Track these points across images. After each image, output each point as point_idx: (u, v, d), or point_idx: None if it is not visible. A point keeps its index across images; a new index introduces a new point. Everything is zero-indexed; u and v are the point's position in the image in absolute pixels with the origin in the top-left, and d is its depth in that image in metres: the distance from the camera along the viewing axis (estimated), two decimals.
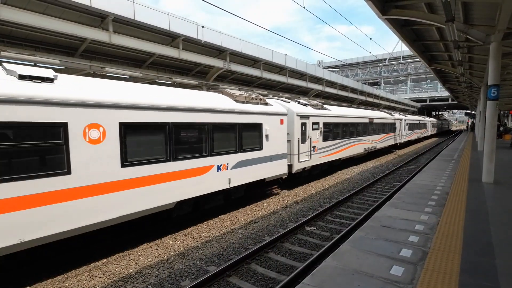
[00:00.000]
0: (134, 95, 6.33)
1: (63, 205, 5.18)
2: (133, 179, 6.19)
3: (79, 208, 5.36)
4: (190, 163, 7.42)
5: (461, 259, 3.98)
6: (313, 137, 13.12)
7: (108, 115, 5.77)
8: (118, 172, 5.92)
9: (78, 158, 5.34)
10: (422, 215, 5.83)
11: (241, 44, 14.36)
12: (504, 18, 7.43)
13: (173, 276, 5.38)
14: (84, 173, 5.43)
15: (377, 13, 8.52)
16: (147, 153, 6.46)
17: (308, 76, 21.54)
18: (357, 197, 10.80)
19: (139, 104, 6.28)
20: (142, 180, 6.36)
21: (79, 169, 5.36)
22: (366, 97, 34.06)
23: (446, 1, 5.65)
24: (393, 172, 15.85)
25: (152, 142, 6.60)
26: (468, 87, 23.73)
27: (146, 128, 6.44)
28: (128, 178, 6.11)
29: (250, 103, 9.63)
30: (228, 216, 8.76)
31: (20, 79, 4.96)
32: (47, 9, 8.62)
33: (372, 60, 58.32)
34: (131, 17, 9.75)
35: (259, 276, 5.34)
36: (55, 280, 5.28)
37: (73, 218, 5.30)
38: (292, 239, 7.01)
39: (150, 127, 6.51)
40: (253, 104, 9.77)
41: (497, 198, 7.04)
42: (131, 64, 12.83)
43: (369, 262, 3.95)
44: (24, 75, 5.00)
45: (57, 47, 10.46)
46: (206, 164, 7.88)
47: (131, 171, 6.14)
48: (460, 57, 11.16)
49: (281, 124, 10.77)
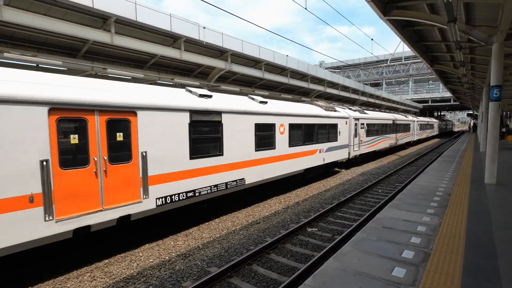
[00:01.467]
0: (292, 109, 11.41)
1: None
2: (292, 154, 11.40)
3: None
4: (309, 147, 12.47)
5: (463, 261, 3.96)
6: (361, 133, 18.26)
7: (282, 119, 10.66)
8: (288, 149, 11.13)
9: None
10: (424, 217, 5.81)
11: (243, 45, 14.37)
12: (507, 19, 7.40)
13: (174, 277, 5.38)
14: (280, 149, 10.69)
15: (379, 14, 8.50)
16: (292, 141, 11.31)
17: (310, 77, 21.52)
18: (358, 198, 10.77)
19: (295, 113, 11.44)
20: (294, 155, 11.59)
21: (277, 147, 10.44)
22: (367, 98, 34.00)
23: (448, 1, 5.63)
24: (395, 173, 15.81)
25: (294, 134, 11.43)
26: (470, 88, 23.64)
27: (295, 127, 11.49)
28: (291, 153, 11.36)
29: (329, 110, 14.51)
30: (229, 217, 8.76)
31: (199, 97, 7.83)
32: (50, 10, 8.66)
33: (373, 61, 58.18)
34: (133, 18, 9.78)
35: (261, 277, 5.33)
36: (56, 280, 5.29)
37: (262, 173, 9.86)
38: (294, 240, 6.99)
39: (297, 126, 11.63)
40: (331, 111, 14.54)
41: (500, 199, 7.01)
42: (133, 65, 12.87)
43: (371, 264, 3.94)
44: (202, 94, 7.93)
45: (60, 48, 10.51)
46: (315, 148, 12.91)
47: (293, 150, 11.38)
48: (462, 58, 11.13)
49: (345, 125, 15.81)
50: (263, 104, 9.96)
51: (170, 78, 13.94)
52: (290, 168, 11.18)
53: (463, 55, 11.46)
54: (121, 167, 5.94)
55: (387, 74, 59.01)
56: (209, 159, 7.89)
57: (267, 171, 10.00)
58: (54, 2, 8.26)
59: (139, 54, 12.11)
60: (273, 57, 16.60)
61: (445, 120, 67.91)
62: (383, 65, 57.87)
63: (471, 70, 16.45)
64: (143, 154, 6.30)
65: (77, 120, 5.35)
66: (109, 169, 5.74)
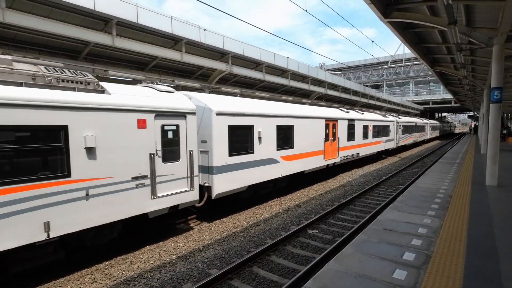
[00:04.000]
0: (373, 117, 19.79)
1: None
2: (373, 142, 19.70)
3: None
4: (379, 139, 20.64)
5: (464, 263, 3.94)
6: (400, 132, 26.06)
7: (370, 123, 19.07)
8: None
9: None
10: (425, 218, 5.80)
11: (243, 47, 14.42)
12: (507, 21, 7.41)
13: (175, 278, 5.37)
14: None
15: (379, 16, 8.52)
16: (373, 135, 19.55)
17: (310, 79, 21.55)
18: (359, 200, 10.75)
19: (373, 119, 19.61)
20: (373, 143, 19.90)
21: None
22: (368, 100, 34.01)
23: (448, 3, 5.64)
24: (395, 175, 15.78)
25: (374, 131, 19.71)
26: (471, 90, 23.62)
27: (375, 127, 19.80)
28: (373, 142, 19.59)
29: (385, 116, 22.52)
30: (230, 218, 8.75)
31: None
32: (51, 13, 8.71)
33: (374, 62, 58.24)
34: (134, 21, 9.83)
35: (261, 279, 5.32)
36: (57, 282, 5.29)
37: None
38: (294, 242, 6.98)
39: (375, 127, 19.91)
40: (386, 117, 22.64)
41: (501, 201, 6.99)
42: (134, 67, 12.92)
43: (372, 266, 3.93)
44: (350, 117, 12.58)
45: (61, 51, 10.56)
46: (380, 140, 20.99)
47: (373, 140, 19.50)
48: (463, 60, 11.13)
49: (393, 126, 23.96)
50: (361, 115, 18.14)
51: (171, 80, 13.98)
52: (373, 150, 19.69)
53: (464, 57, 11.48)
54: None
55: (387, 76, 59.01)
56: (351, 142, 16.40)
57: (366, 150, 18.63)
58: (56, 4, 8.31)
59: (140, 56, 12.15)
60: (274, 59, 16.64)
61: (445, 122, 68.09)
62: (383, 67, 57.89)
63: (472, 72, 16.45)
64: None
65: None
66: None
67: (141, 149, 6.22)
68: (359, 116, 17.34)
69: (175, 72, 14.66)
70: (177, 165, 7.03)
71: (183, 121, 7.14)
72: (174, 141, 6.97)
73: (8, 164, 4.52)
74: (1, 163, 4.45)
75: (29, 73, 5.00)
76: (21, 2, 8.12)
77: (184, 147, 7.18)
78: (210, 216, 8.95)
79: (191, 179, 7.34)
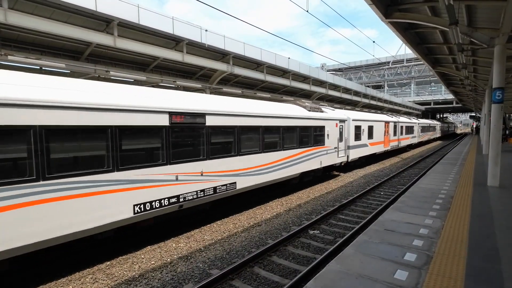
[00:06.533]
0: (403, 120, 27.99)
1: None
2: (402, 138, 27.65)
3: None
4: (408, 135, 29.15)
5: (466, 264, 3.94)
6: (419, 131, 32.77)
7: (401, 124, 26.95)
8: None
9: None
10: (426, 219, 5.79)
11: (245, 47, 14.43)
12: (509, 21, 7.40)
13: (176, 279, 5.38)
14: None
15: (380, 17, 8.52)
16: (402, 133, 27.13)
17: (311, 79, 21.54)
18: (360, 201, 10.74)
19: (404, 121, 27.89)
20: (403, 139, 27.95)
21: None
22: (369, 100, 33.97)
23: (449, 4, 5.64)
24: (397, 176, 15.75)
25: (403, 130, 27.74)
26: (473, 90, 23.58)
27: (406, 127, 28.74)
28: (395, 139, 25.32)
29: (410, 119, 30.25)
30: (231, 219, 8.76)
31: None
32: (54, 13, 8.75)
33: (375, 63, 58.17)
34: (136, 22, 9.85)
35: (262, 280, 5.33)
36: (58, 282, 5.31)
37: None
38: (296, 243, 6.98)
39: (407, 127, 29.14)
40: (412, 119, 30.96)
41: (503, 202, 6.97)
42: (136, 67, 12.95)
43: (373, 266, 3.93)
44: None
45: (63, 51, 10.60)
46: (408, 137, 28.91)
47: (395, 138, 25.48)
48: (464, 60, 11.11)
49: (416, 126, 30.52)
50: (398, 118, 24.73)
51: (172, 80, 14.01)
52: (406, 143, 26.82)
53: (465, 57, 11.45)
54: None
55: (389, 77, 58.94)
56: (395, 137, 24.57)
57: (403, 143, 25.59)
58: (58, 5, 8.34)
59: (141, 56, 12.19)
60: (275, 59, 16.64)
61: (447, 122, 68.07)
62: (385, 68, 57.81)
63: (474, 72, 16.41)
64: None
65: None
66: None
67: (335, 136, 14.43)
68: (399, 120, 25.92)
69: (176, 73, 14.69)
70: (342, 144, 15.27)
71: (343, 124, 15.51)
72: (341, 132, 15.22)
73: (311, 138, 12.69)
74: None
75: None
76: (24, 3, 8.16)
77: (345, 135, 15.60)
78: (211, 216, 8.96)
79: (346, 151, 15.73)
